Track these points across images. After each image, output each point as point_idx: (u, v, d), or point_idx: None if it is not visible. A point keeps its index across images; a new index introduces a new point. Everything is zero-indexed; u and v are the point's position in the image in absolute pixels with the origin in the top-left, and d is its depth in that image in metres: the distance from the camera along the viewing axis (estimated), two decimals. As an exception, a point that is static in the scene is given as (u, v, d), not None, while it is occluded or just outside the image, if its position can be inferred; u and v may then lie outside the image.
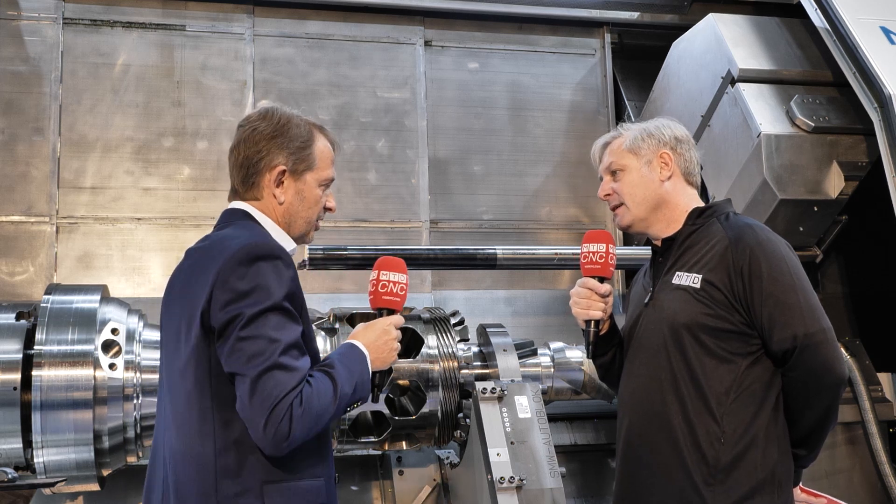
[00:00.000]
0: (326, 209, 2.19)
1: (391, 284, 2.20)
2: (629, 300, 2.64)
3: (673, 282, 2.30)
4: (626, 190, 2.40)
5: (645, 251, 3.91)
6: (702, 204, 2.41)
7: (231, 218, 2.10)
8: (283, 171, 2.08)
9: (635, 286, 2.59)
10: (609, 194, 2.45)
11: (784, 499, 2.20)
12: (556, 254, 4.09)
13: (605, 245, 2.36)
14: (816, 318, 2.19)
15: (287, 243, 2.10)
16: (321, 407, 1.87)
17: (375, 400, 2.15)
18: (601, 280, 2.38)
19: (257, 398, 1.79)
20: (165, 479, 1.97)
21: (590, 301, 2.36)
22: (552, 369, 3.92)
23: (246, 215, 2.09)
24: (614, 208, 2.46)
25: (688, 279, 2.26)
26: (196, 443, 1.90)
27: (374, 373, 2.10)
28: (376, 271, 2.22)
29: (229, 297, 1.85)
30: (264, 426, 1.78)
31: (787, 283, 2.19)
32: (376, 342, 2.11)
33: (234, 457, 1.87)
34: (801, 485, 2.60)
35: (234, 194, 2.14)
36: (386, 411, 3.57)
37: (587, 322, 2.38)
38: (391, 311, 2.21)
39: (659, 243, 2.43)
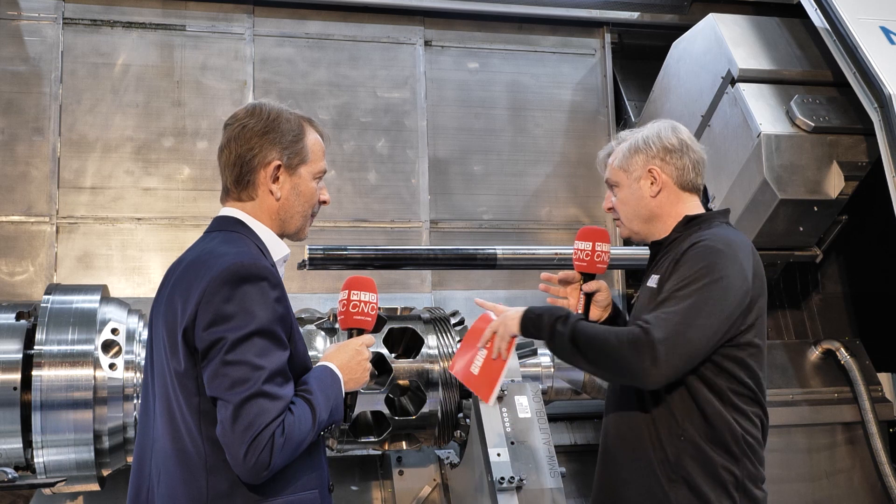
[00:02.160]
0: (321, 202, 2.14)
1: (362, 304, 2.16)
2: None
3: (647, 284, 2.36)
4: (619, 206, 2.45)
5: (644, 251, 3.91)
6: (698, 210, 2.39)
7: (222, 226, 2.03)
8: (279, 167, 2.02)
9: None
10: (611, 207, 2.50)
11: (748, 499, 2.19)
12: (556, 254, 4.09)
13: (591, 243, 2.46)
14: (675, 330, 2.06)
15: (280, 249, 2.06)
16: (301, 435, 1.83)
17: (347, 421, 2.12)
18: (591, 277, 2.47)
19: (239, 425, 1.74)
20: (151, 489, 1.93)
21: (554, 297, 2.52)
22: (552, 369, 3.93)
23: (238, 223, 2.02)
24: (616, 219, 2.51)
25: (653, 281, 2.31)
26: (186, 462, 1.85)
27: (346, 394, 2.06)
28: (346, 291, 2.17)
29: (212, 319, 1.80)
30: (245, 454, 1.74)
31: (695, 288, 2.11)
32: (349, 363, 2.07)
33: (226, 477, 1.83)
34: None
35: (227, 194, 2.07)
36: (386, 411, 3.57)
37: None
38: (361, 331, 2.17)
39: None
